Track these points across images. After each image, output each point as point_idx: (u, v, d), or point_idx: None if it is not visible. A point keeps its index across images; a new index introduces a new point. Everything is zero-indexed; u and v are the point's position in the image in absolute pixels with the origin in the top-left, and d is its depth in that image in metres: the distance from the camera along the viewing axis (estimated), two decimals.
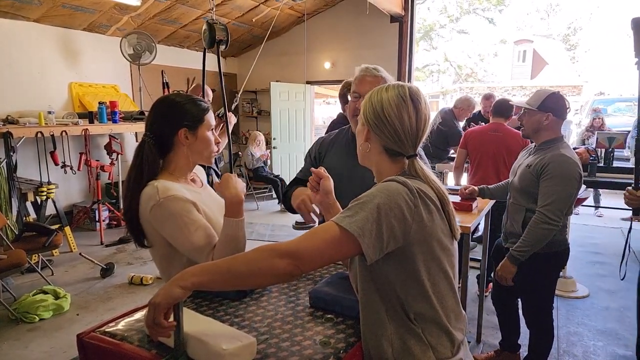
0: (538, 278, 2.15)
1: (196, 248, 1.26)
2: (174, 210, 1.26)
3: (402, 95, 1.05)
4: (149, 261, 4.27)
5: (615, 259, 4.35)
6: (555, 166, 1.98)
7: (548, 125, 2.07)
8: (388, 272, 1.00)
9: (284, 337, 1.11)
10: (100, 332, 1.14)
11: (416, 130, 1.06)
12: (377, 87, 1.11)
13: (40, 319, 3.09)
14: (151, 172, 1.33)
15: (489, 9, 19.28)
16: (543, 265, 2.10)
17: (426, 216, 0.98)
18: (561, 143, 2.08)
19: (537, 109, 2.06)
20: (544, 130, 2.09)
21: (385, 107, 1.05)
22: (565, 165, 1.98)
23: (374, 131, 1.07)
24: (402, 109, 1.04)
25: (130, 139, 5.92)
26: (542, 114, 2.06)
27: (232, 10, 6.12)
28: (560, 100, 2.08)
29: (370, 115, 1.07)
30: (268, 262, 0.91)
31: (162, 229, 1.29)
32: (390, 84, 1.10)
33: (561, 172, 1.98)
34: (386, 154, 1.08)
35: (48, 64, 5.05)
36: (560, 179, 1.97)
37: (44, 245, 3.45)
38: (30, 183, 4.20)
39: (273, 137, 7.15)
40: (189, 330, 0.99)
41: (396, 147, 1.06)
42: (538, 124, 2.08)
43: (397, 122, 1.04)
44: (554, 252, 2.10)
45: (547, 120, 2.05)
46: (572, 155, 2.02)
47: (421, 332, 1.01)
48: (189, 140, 1.37)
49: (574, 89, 17.34)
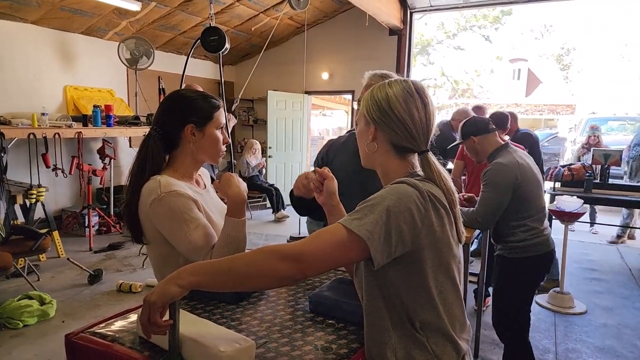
0: (507, 279, 2.19)
1: (194, 247, 1.21)
2: (175, 206, 1.21)
3: (408, 89, 1.01)
4: (138, 268, 4.18)
5: (612, 276, 4.34)
6: (488, 174, 2.13)
7: (480, 144, 2.23)
8: (394, 277, 0.96)
9: (283, 341, 1.05)
10: (90, 332, 1.08)
11: (426, 123, 1.01)
12: (378, 84, 1.06)
13: (25, 325, 2.98)
14: (154, 167, 1.29)
15: (486, 27, 19.56)
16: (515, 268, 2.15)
17: (436, 221, 0.94)
18: (502, 152, 2.19)
19: (463, 139, 2.29)
20: (481, 150, 2.25)
21: (392, 102, 1.00)
22: (496, 172, 2.10)
23: (381, 129, 1.02)
24: (410, 103, 1.00)
25: (124, 143, 5.85)
26: (468, 141, 2.26)
27: (231, 19, 6.14)
28: (473, 121, 2.30)
29: (375, 113, 1.02)
30: (270, 264, 0.86)
31: (161, 225, 1.24)
32: (393, 79, 1.06)
33: (493, 179, 2.10)
34: (394, 152, 1.03)
35: (44, 66, 5.00)
36: (492, 186, 2.10)
37: (31, 249, 3.36)
38: (20, 185, 4.10)
39: (269, 146, 7.12)
40: (185, 331, 0.93)
41: (407, 143, 1.01)
42: (473, 149, 2.27)
43: (407, 117, 1.00)
44: (528, 257, 2.12)
45: (476, 142, 2.23)
46: (509, 161, 2.11)
47: (426, 342, 0.96)
48: (195, 137, 1.31)
49: (568, 107, 17.59)
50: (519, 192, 2.08)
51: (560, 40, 25.92)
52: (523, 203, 2.10)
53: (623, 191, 4.13)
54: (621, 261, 4.78)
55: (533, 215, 2.12)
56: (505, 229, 2.15)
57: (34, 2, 4.42)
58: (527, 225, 2.11)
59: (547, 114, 18.37)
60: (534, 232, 2.12)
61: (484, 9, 12.60)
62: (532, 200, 2.12)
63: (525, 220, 2.11)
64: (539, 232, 2.13)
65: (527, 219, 2.11)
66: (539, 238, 2.12)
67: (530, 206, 2.12)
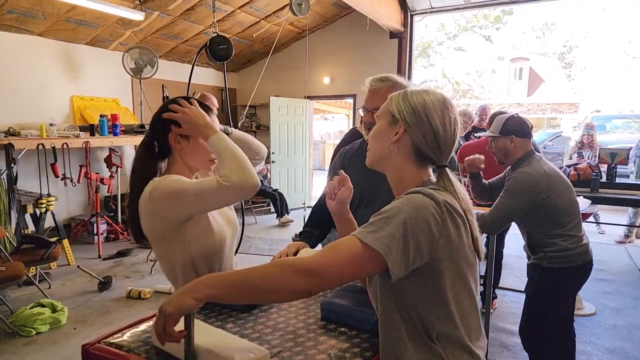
0: (544, 288, 2.12)
1: (205, 188, 1.17)
2: (170, 181, 1.21)
3: (444, 101, 1.02)
4: (146, 275, 4.21)
5: (621, 276, 4.31)
6: (512, 181, 2.08)
7: (514, 147, 2.15)
8: (411, 289, 0.94)
9: (296, 350, 1.07)
10: (106, 343, 1.11)
11: (452, 138, 1.01)
12: (414, 89, 1.05)
13: (37, 332, 3.01)
14: (148, 172, 1.29)
15: (486, 27, 19.56)
16: (553, 277, 2.07)
17: (453, 231, 0.93)
18: (529, 159, 2.13)
19: (500, 135, 2.17)
20: (513, 153, 2.16)
21: (428, 108, 1.00)
22: (520, 181, 2.05)
23: (410, 132, 1.00)
24: (446, 115, 1.00)
25: (130, 152, 5.89)
26: (505, 138, 2.16)
27: (232, 26, 6.18)
28: (520, 121, 2.18)
29: (409, 115, 1.00)
30: (287, 279, 0.86)
31: (165, 208, 1.21)
32: (428, 89, 1.05)
33: (514, 187, 2.05)
34: (414, 158, 1.02)
35: (50, 77, 5.06)
36: (511, 193, 2.05)
37: (42, 258, 3.40)
38: (30, 195, 4.16)
39: (272, 151, 7.14)
40: (200, 341, 0.95)
41: (431, 152, 1.00)
42: (505, 148, 2.17)
43: (440, 127, 0.99)
44: (567, 267, 2.05)
45: (512, 142, 2.15)
46: (536, 170, 2.05)
47: (442, 352, 0.95)
48: (180, 144, 1.32)
49: (571, 106, 17.49)
50: (549, 201, 2.02)
51: (562, 38, 25.84)
52: (557, 211, 2.04)
53: (630, 190, 4.11)
54: (629, 261, 4.75)
55: (570, 222, 2.06)
56: (544, 239, 2.08)
57: (39, 14, 4.48)
58: (567, 235, 2.04)
59: (550, 113, 18.29)
60: (574, 240, 2.05)
61: (485, 9, 12.60)
62: (565, 206, 2.06)
63: (565, 229, 2.05)
64: (579, 241, 2.06)
65: (566, 228, 2.05)
66: (579, 248, 2.06)
67: (565, 213, 2.06)
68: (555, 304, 2.13)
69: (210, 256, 1.31)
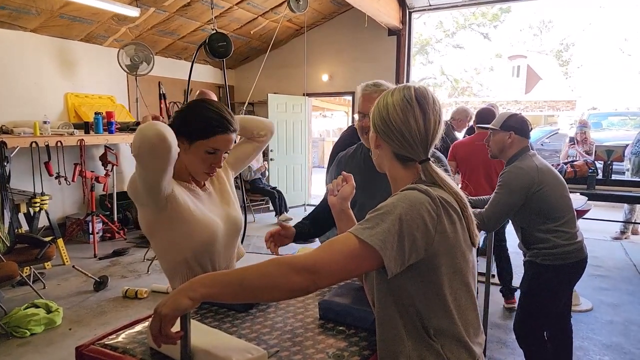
0: (538, 285, 2.13)
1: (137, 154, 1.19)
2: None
3: (408, 97, 1.01)
4: (143, 274, 4.18)
5: (617, 272, 4.33)
6: (505, 176, 2.10)
7: (511, 143, 2.17)
8: (408, 285, 0.94)
9: (294, 350, 1.05)
10: (101, 344, 1.09)
11: (425, 133, 1.00)
12: (385, 92, 1.06)
13: (32, 333, 2.98)
14: None
15: (484, 24, 19.58)
16: (547, 274, 2.08)
17: (449, 226, 0.93)
18: (524, 155, 2.15)
19: (500, 128, 2.19)
20: (509, 148, 2.19)
21: (390, 111, 1.00)
22: (513, 176, 2.07)
23: (382, 137, 1.03)
24: (408, 113, 0.99)
25: (125, 150, 5.85)
26: (505, 133, 2.18)
27: (230, 23, 6.14)
28: (521, 120, 2.21)
29: (378, 121, 1.03)
30: (284, 277, 0.86)
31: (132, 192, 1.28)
32: (397, 87, 1.05)
33: (507, 182, 2.08)
34: (397, 160, 1.04)
35: (44, 74, 5.01)
36: (506, 188, 2.08)
37: (36, 258, 3.35)
38: (23, 194, 4.11)
39: (270, 149, 7.12)
40: (196, 342, 0.93)
41: (406, 152, 1.01)
42: (502, 142, 2.20)
43: (404, 127, 0.99)
44: (561, 264, 2.05)
45: (510, 138, 2.17)
46: (527, 165, 2.08)
47: (440, 349, 0.95)
48: (184, 144, 1.32)
49: (568, 103, 17.54)
50: (540, 195, 2.03)
51: (559, 36, 25.95)
52: (548, 207, 2.05)
53: (626, 187, 4.12)
54: (626, 257, 4.77)
55: (562, 217, 2.06)
56: (537, 234, 2.08)
57: (32, 10, 4.43)
58: (559, 230, 2.04)
59: (547, 110, 18.34)
60: (567, 236, 2.05)
61: (483, 6, 12.61)
62: (557, 202, 2.06)
63: (556, 224, 2.05)
64: (572, 237, 2.06)
65: (558, 224, 2.05)
66: (573, 245, 2.06)
67: (557, 208, 2.06)
68: (548, 300, 2.13)
69: (197, 249, 1.31)
